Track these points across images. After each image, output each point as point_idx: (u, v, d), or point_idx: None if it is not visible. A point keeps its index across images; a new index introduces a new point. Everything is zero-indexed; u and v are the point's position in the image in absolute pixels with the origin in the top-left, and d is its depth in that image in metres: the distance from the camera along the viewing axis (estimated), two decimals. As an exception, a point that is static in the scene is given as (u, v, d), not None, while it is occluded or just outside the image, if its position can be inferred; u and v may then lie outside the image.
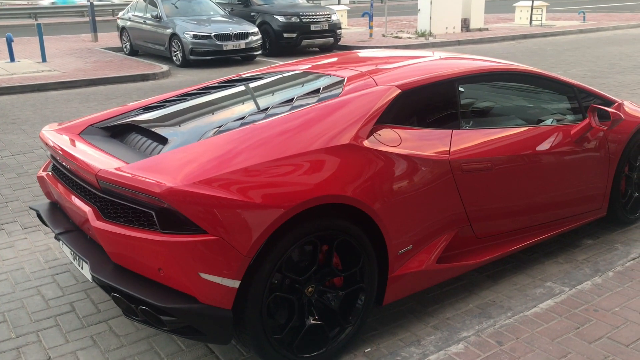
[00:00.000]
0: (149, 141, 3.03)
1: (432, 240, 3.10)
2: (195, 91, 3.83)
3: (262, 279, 2.51)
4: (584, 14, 21.79)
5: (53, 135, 3.24)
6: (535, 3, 20.67)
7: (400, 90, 3.13)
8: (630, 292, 3.10)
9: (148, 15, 14.26)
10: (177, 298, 2.46)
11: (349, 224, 2.73)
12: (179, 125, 3.14)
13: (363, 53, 4.39)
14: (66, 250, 3.01)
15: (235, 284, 2.45)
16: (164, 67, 12.27)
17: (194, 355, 2.90)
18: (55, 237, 3.07)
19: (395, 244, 2.90)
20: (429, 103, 3.28)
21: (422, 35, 17.14)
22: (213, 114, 3.24)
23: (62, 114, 8.48)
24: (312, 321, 2.73)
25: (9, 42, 13.05)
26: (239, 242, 2.42)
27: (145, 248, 2.48)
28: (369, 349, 2.88)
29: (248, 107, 3.26)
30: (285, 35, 14.47)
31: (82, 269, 2.85)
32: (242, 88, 3.68)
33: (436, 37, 16.86)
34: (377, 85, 3.16)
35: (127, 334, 3.08)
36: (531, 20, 20.54)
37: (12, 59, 13.19)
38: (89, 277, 2.74)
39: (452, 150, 3.13)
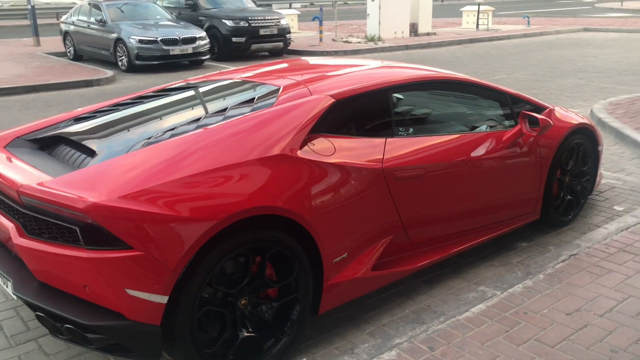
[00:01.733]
0: (77, 153, 2.95)
1: (367, 247, 3.13)
2: (128, 101, 3.76)
3: (192, 294, 2.48)
4: (529, 18, 22.42)
5: (-24, 148, 3.12)
6: (482, 8, 21.16)
7: (334, 100, 3.15)
8: (559, 293, 3.19)
9: (92, 19, 13.95)
10: (103, 315, 2.40)
11: (282, 234, 2.73)
12: (108, 137, 3.07)
13: (303, 61, 4.40)
14: (-10, 268, 2.90)
15: (164, 299, 2.41)
16: (109, 73, 12.02)
17: (127, 371, 2.83)
18: (-21, 255, 2.96)
19: (330, 253, 2.91)
20: (362, 112, 3.31)
21: (372, 39, 17.32)
22: (144, 125, 3.18)
23: (-1, 122, 8.20)
24: (245, 333, 2.71)
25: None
26: (166, 257, 2.38)
27: (70, 265, 2.42)
28: (305, 359, 2.88)
29: (180, 117, 3.22)
30: (234, 39, 14.38)
31: (6, 287, 2.75)
32: (175, 98, 3.63)
33: (385, 42, 17.06)
34: (311, 94, 3.17)
35: (57, 352, 2.99)
36: (478, 24, 21.01)
37: (-53, 64, 12.68)
38: (13, 296, 2.65)
39: (385, 158, 3.16)
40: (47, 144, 3.23)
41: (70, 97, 10.14)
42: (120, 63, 13.04)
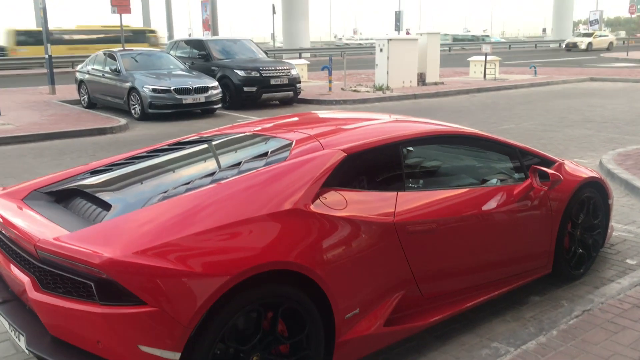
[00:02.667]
0: (93, 207, 3.00)
1: (379, 302, 3.12)
2: (143, 154, 3.83)
3: (204, 350, 2.47)
4: (535, 68, 22.73)
5: (-6, 201, 3.18)
6: (489, 57, 21.50)
7: (345, 154, 3.19)
8: (573, 351, 3.15)
9: (107, 68, 14.28)
10: (115, 372, 2.40)
11: (294, 290, 2.73)
12: (124, 190, 3.12)
13: (314, 114, 4.48)
14: (3, 322, 2.91)
15: (176, 355, 2.41)
16: (122, 121, 12.22)
17: None
18: (-7, 307, 2.97)
19: (342, 309, 2.90)
20: (374, 166, 3.35)
21: (380, 89, 17.57)
22: (158, 178, 3.24)
23: (13, 170, 8.32)
24: (257, 390, 2.68)
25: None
26: (179, 313, 2.39)
27: (84, 320, 2.43)
28: (316, 417, 2.83)
29: (194, 171, 3.28)
30: (245, 89, 14.64)
31: (19, 341, 2.75)
32: (189, 151, 3.70)
33: (393, 91, 17.30)
34: (323, 148, 3.22)
35: (66, 408, 2.95)
36: (485, 74, 21.31)
37: (-35, 112, 12.96)
38: (25, 350, 2.65)
39: (397, 211, 3.18)
40: (64, 197, 3.28)
41: (84, 145, 10.30)
42: (133, 111, 13.28)
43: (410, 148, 3.79)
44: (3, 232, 2.97)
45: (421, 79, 19.14)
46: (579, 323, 3.46)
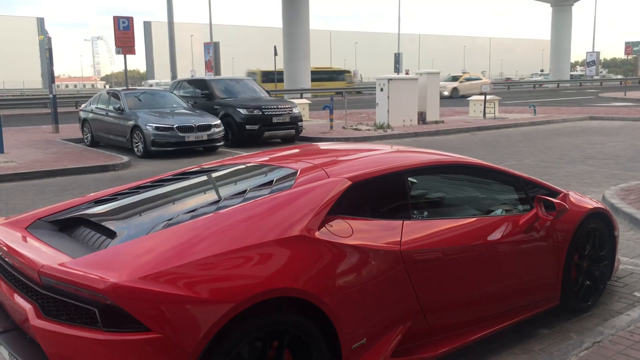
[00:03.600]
0: (97, 235, 2.98)
1: (386, 333, 3.06)
2: (148, 184, 3.83)
3: (209, 379, 2.42)
4: (535, 107, 22.94)
5: (-2, 230, 3.16)
6: (488, 97, 21.72)
7: (351, 182, 3.19)
8: (585, 383, 3.08)
9: (110, 107, 14.42)
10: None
11: (300, 318, 2.69)
12: (128, 219, 3.11)
13: (318, 146, 4.50)
14: (3, 352, 2.85)
15: (180, 384, 2.35)
16: (124, 158, 12.27)
17: None
18: (-7, 337, 2.92)
19: (349, 339, 2.85)
20: (379, 194, 3.35)
21: (381, 127, 17.70)
22: (164, 206, 3.23)
23: (15, 206, 8.31)
24: (261, 422, 2.61)
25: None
26: (184, 340, 2.35)
27: (86, 348, 2.38)
28: None
29: (200, 199, 3.27)
30: (247, 127, 14.74)
31: (19, 371, 2.69)
32: (195, 180, 3.70)
33: (394, 129, 17.42)
34: (328, 177, 3.22)
35: None
36: (485, 113, 21.49)
37: (-32, 150, 13.03)
38: (25, 380, 2.59)
39: (403, 240, 3.16)
40: (68, 226, 3.27)
41: (87, 182, 10.31)
42: (136, 149, 13.35)
43: (414, 179, 3.79)
44: (6, 260, 2.95)
45: (421, 117, 19.30)
46: (590, 355, 3.39)
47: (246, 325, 2.52)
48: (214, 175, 3.76)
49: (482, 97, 21.84)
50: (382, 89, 18.23)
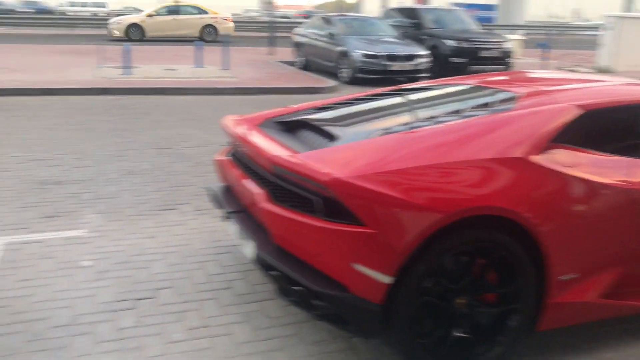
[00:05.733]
0: (318, 136, 3.17)
1: (599, 272, 2.89)
2: (365, 96, 3.95)
3: (414, 280, 2.51)
4: None
5: (234, 124, 3.53)
6: None
7: (582, 111, 2.97)
8: None
9: (322, 32, 14.92)
10: (329, 284, 2.54)
11: (509, 239, 2.64)
12: (347, 125, 3.25)
13: (537, 74, 4.23)
14: (234, 229, 3.24)
15: (387, 279, 2.48)
16: (332, 83, 12.74)
17: (336, 347, 2.96)
18: (226, 216, 3.33)
19: (557, 270, 2.74)
20: (611, 128, 3.08)
21: (602, 70, 16.05)
22: (380, 118, 3.32)
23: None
24: (459, 333, 2.67)
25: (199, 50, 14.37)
26: (395, 239, 2.45)
27: (307, 232, 2.60)
28: (516, 374, 2.74)
29: (416, 113, 3.30)
30: (454, 59, 14.34)
31: (246, 247, 3.05)
32: (412, 97, 3.72)
33: (619, 74, 15.68)
34: (554, 103, 3.03)
35: (276, 317, 3.23)
36: None
37: (198, 64, 14.52)
38: (252, 255, 2.92)
39: (634, 180, 2.90)
40: (292, 127, 3.52)
41: (296, 101, 10.90)
42: (342, 75, 13.75)
43: None
44: (241, 149, 3.29)
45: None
46: None
47: (455, 237, 2.54)
48: (431, 93, 3.75)
49: None
50: (610, 29, 16.36)
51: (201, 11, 24.27)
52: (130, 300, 3.37)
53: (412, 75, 13.55)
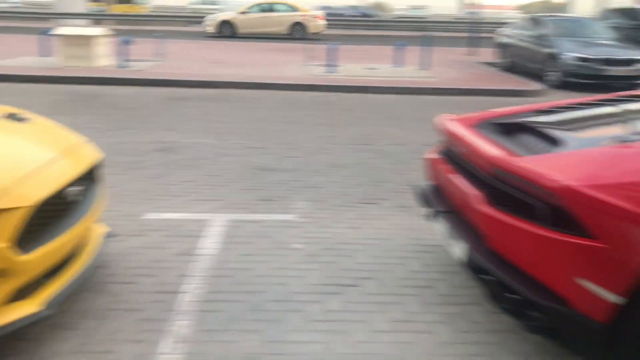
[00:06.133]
0: (542, 141, 3.03)
1: None
2: (590, 102, 3.69)
3: (648, 305, 2.30)
4: None
5: (449, 124, 3.52)
6: None
7: None
8: None
9: (530, 33, 14.20)
10: (548, 296, 2.44)
11: None
12: (570, 131, 3.07)
13: None
14: (441, 228, 3.24)
15: (615, 298, 2.30)
16: (537, 86, 12.09)
17: (545, 362, 2.83)
18: (433, 215, 3.34)
19: None
20: None
21: None
22: (610, 125, 3.07)
23: (433, 117, 9.11)
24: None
25: (400, 50, 14.56)
26: (629, 256, 2.26)
27: (526, 240, 2.51)
28: None
29: (656, 122, 3.00)
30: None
31: (455, 248, 3.03)
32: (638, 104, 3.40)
33: None
34: None
35: (479, 322, 3.18)
36: None
37: (397, 64, 14.70)
38: (461, 256, 2.90)
39: None
40: (512, 129, 3.41)
41: (498, 104, 10.58)
42: (548, 78, 12.97)
43: None
44: (456, 149, 3.27)
45: None
46: None
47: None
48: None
49: None
50: None
51: (292, 9, 24.06)
52: (336, 286, 3.55)
53: (630, 82, 12.34)
